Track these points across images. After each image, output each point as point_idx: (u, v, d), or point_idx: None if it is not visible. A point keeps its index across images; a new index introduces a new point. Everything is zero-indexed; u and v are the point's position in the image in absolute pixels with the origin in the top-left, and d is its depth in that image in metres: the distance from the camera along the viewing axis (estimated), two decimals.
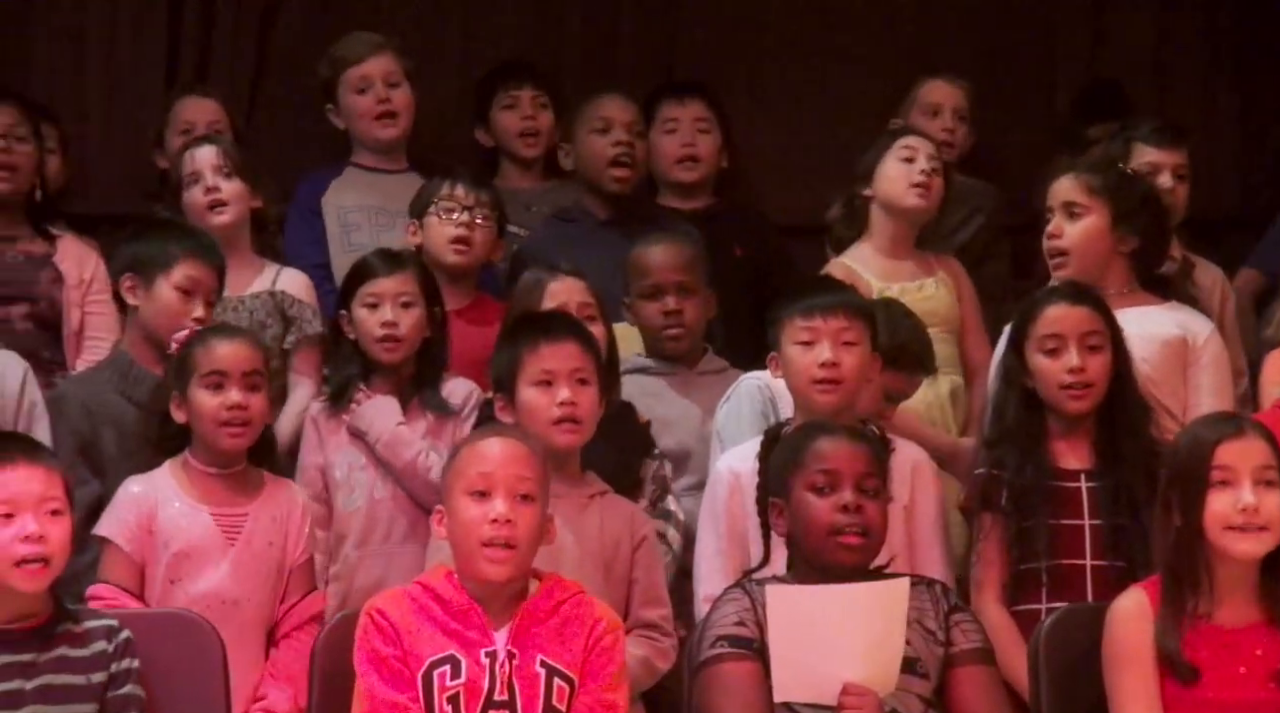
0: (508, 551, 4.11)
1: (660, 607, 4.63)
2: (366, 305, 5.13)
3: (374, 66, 6.11)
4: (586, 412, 4.62)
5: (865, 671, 4.08)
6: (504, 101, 6.40)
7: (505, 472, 4.15)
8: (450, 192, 5.60)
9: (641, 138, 6.12)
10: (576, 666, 4.13)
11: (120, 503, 4.62)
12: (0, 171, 5.57)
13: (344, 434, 5.09)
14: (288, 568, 4.66)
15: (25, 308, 5.51)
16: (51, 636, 4.11)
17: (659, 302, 5.37)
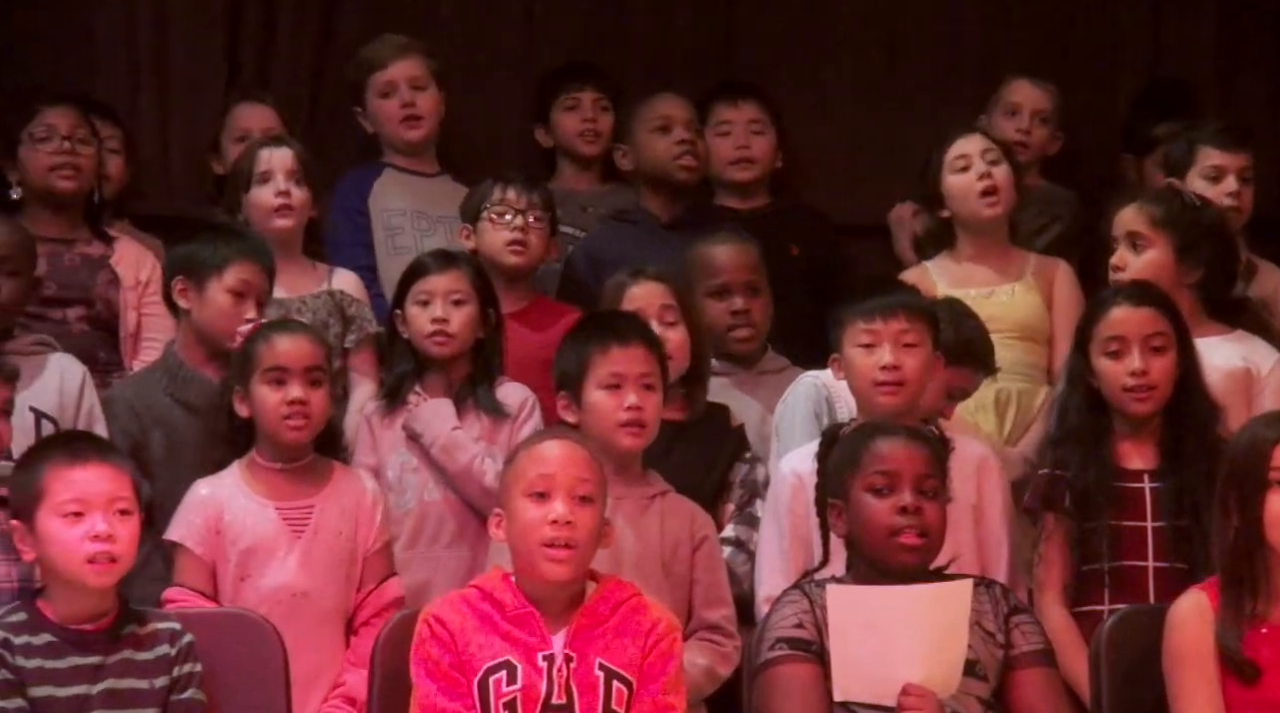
0: (567, 551, 4.11)
1: (722, 607, 4.63)
2: (419, 303, 5.15)
3: (399, 70, 6.13)
4: (651, 416, 4.63)
5: (926, 672, 4.08)
6: (565, 103, 6.40)
7: (565, 473, 4.16)
8: (502, 195, 5.60)
9: (701, 136, 6.12)
10: (635, 668, 4.12)
11: (188, 506, 4.66)
12: (65, 171, 5.58)
13: (397, 435, 5.10)
14: (361, 557, 4.67)
15: (82, 310, 5.53)
16: (118, 638, 4.13)
17: (726, 301, 5.38)
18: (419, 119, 6.12)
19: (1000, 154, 5.78)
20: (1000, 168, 5.75)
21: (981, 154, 5.75)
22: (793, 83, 6.67)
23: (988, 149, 5.77)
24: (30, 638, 4.08)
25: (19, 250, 5.10)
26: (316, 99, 6.57)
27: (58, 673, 4.06)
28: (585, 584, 4.19)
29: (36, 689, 4.04)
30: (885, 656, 4.07)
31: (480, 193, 5.65)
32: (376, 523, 4.71)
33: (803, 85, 6.72)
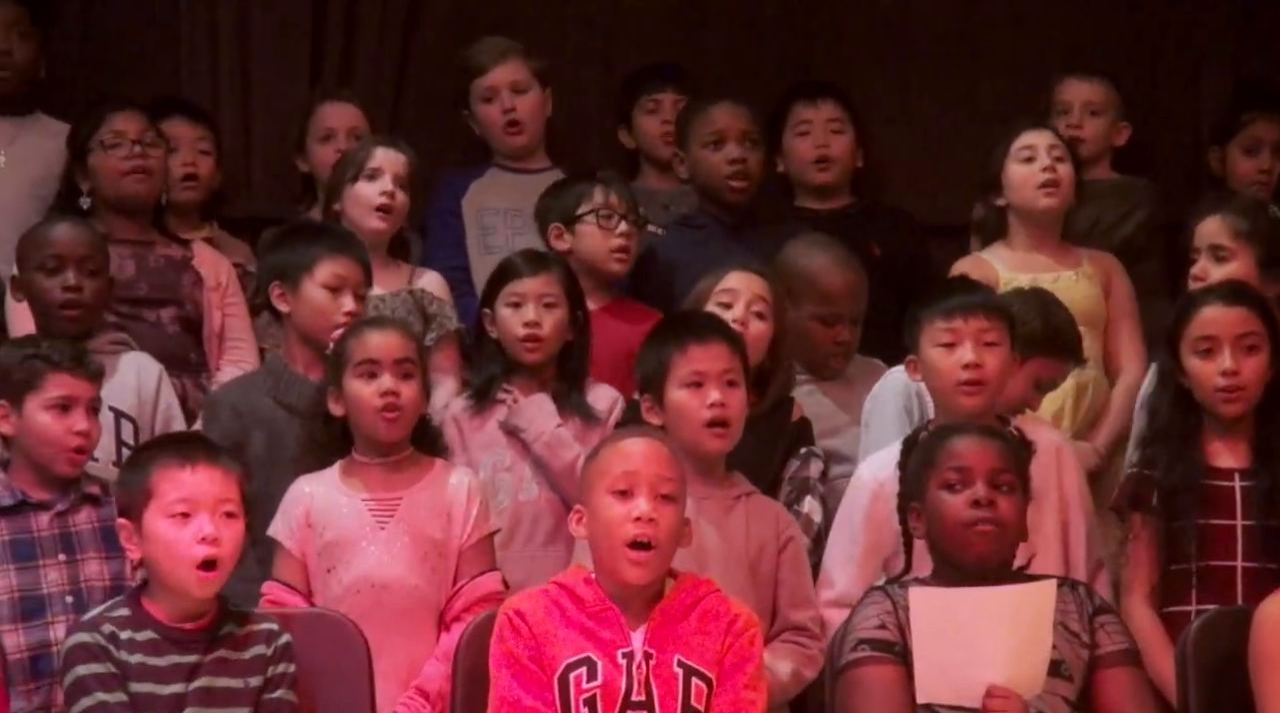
0: (649, 552, 4.11)
1: (808, 608, 4.62)
2: (510, 305, 5.15)
3: (499, 76, 6.14)
4: (735, 414, 4.62)
5: (1010, 673, 4.06)
6: (646, 105, 6.40)
7: (648, 471, 4.16)
8: (606, 199, 5.60)
9: (756, 145, 6.03)
10: (714, 664, 4.13)
11: (287, 501, 4.68)
12: (137, 175, 5.60)
13: (487, 434, 5.11)
14: (454, 551, 4.66)
15: (174, 310, 5.56)
16: (216, 637, 4.15)
17: (833, 329, 5.37)
18: (520, 125, 6.13)
19: (1066, 152, 5.77)
20: (1064, 165, 5.74)
21: (1048, 148, 5.74)
22: (873, 82, 6.66)
23: (1054, 145, 5.76)
24: (134, 634, 4.10)
25: (97, 250, 5.15)
26: (399, 99, 6.59)
27: (158, 670, 4.09)
28: (665, 581, 4.19)
29: (137, 685, 4.07)
30: (969, 657, 4.05)
31: (576, 194, 5.65)
32: (472, 517, 4.68)
33: (883, 85, 6.71)
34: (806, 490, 4.97)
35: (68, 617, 4.40)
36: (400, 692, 4.54)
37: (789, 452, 5.01)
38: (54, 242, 5.10)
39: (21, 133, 6.05)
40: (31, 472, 4.56)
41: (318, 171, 6.10)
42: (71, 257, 5.06)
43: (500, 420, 5.09)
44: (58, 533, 4.51)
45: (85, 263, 5.08)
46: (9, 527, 4.50)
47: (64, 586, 4.47)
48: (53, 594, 4.46)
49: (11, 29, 6.03)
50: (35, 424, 4.54)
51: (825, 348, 5.38)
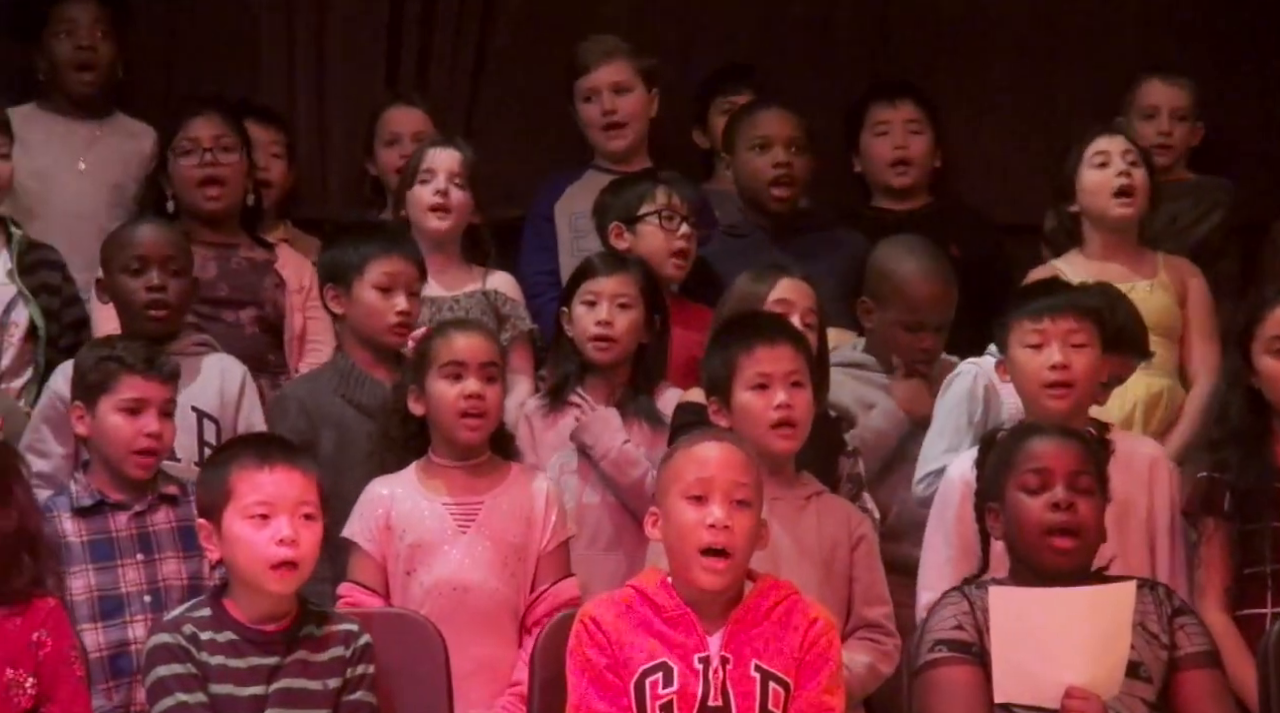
0: (724, 559, 4.10)
1: (882, 605, 4.61)
2: (585, 303, 5.16)
3: (602, 76, 6.12)
4: (802, 414, 4.61)
5: (1089, 674, 4.04)
6: (722, 106, 6.38)
7: (723, 477, 4.15)
8: (669, 200, 5.59)
9: (803, 152, 5.96)
10: (791, 668, 4.11)
11: (362, 503, 4.69)
12: (210, 188, 5.63)
13: (557, 435, 5.12)
14: (534, 556, 4.67)
15: (254, 312, 5.59)
16: (296, 639, 4.16)
17: (916, 336, 5.35)
18: (620, 126, 6.12)
19: (1140, 158, 5.73)
20: (1139, 171, 5.70)
21: (1122, 154, 5.70)
22: (950, 81, 6.63)
23: (1128, 150, 5.72)
24: (214, 635, 4.12)
25: (180, 250, 5.17)
26: (475, 101, 6.60)
27: (238, 672, 4.11)
28: (742, 584, 4.18)
29: (217, 687, 4.09)
30: (1047, 658, 4.04)
31: (639, 193, 5.63)
32: (551, 523, 4.70)
33: (961, 84, 6.68)
34: (862, 486, 4.98)
35: (146, 616, 4.44)
36: (479, 693, 4.55)
37: (835, 448, 4.99)
38: (138, 243, 5.13)
39: (102, 134, 6.08)
40: (108, 473, 4.60)
41: (384, 175, 6.13)
42: (155, 257, 5.09)
43: (571, 433, 5.09)
44: (136, 533, 4.55)
45: (169, 263, 5.10)
46: (88, 527, 4.54)
47: (142, 585, 4.51)
48: (131, 594, 4.50)
49: (95, 27, 6.06)
50: (106, 425, 4.58)
51: (907, 353, 5.36)
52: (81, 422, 4.63)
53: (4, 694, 4.03)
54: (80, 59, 6.04)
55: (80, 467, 4.67)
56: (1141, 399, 5.49)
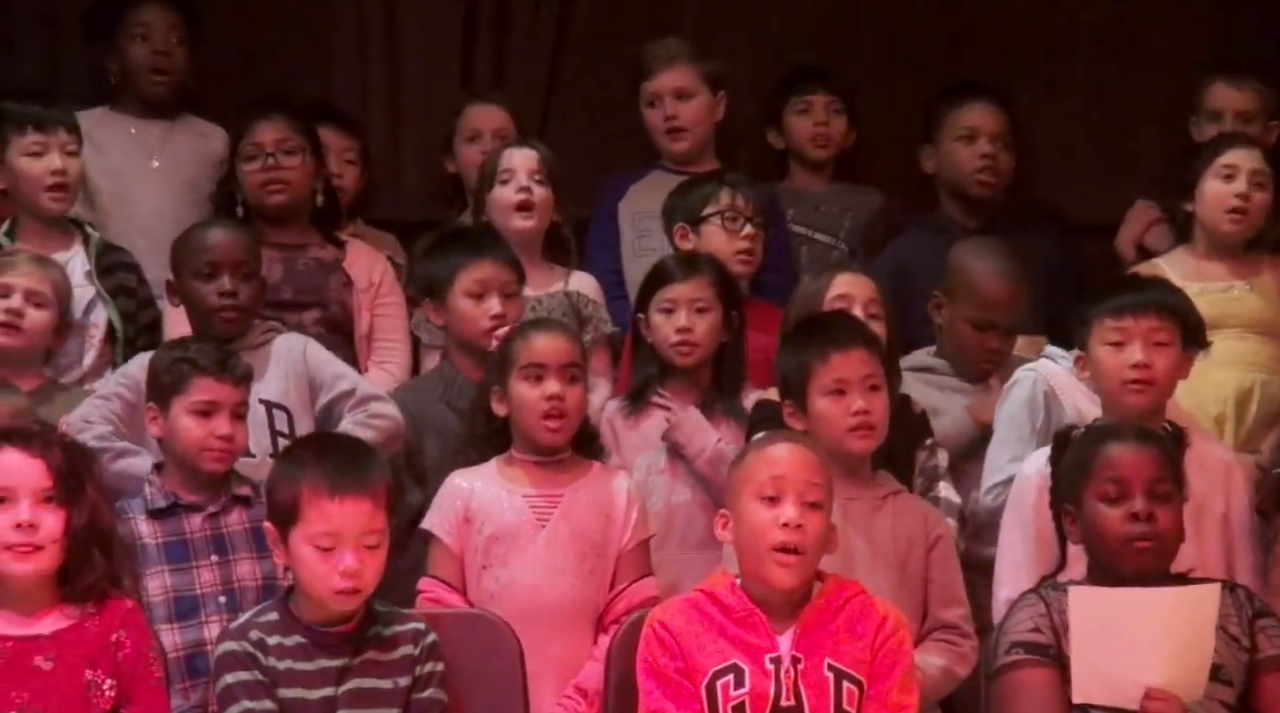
0: (796, 556, 4.09)
1: (958, 606, 4.60)
2: (662, 310, 5.15)
3: (664, 81, 6.12)
4: (880, 417, 4.60)
5: (1170, 676, 4.02)
6: (797, 106, 6.37)
7: (796, 477, 4.15)
8: (732, 201, 5.59)
9: (1008, 147, 6.05)
10: (864, 667, 4.11)
11: (442, 496, 4.71)
12: (273, 186, 5.65)
13: (642, 437, 5.12)
14: (613, 555, 4.67)
15: (318, 313, 5.59)
16: (364, 639, 4.17)
17: (984, 335, 5.33)
18: (682, 131, 6.13)
19: (1268, 180, 5.68)
20: (1260, 194, 5.66)
21: (1250, 173, 5.66)
22: (1024, 81, 6.59)
23: (1257, 170, 5.67)
24: (282, 639, 4.13)
25: (251, 253, 5.18)
26: (550, 99, 6.61)
27: (306, 675, 4.12)
28: (811, 584, 4.17)
29: (286, 691, 4.10)
30: (1128, 659, 4.02)
31: (704, 194, 5.63)
32: (631, 522, 4.70)
33: (1034, 83, 6.64)
34: (938, 478, 4.95)
35: (221, 616, 4.45)
36: (555, 690, 4.55)
37: (915, 443, 4.97)
38: (209, 246, 5.14)
39: (174, 135, 6.11)
40: (182, 474, 4.62)
41: (465, 172, 6.13)
42: (226, 261, 5.11)
43: (663, 434, 5.09)
44: (210, 534, 4.57)
45: (240, 267, 5.12)
46: (163, 529, 4.56)
47: (217, 586, 4.53)
48: (206, 594, 4.52)
49: (170, 32, 6.10)
50: (178, 427, 4.60)
51: (974, 352, 5.34)
52: (155, 423, 4.65)
53: (84, 696, 4.06)
54: (156, 63, 6.09)
55: (155, 469, 4.69)
56: (1231, 395, 5.47)
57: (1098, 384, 4.74)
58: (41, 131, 5.48)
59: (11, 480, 4.09)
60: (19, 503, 4.07)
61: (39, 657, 4.07)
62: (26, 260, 5.17)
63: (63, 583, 4.13)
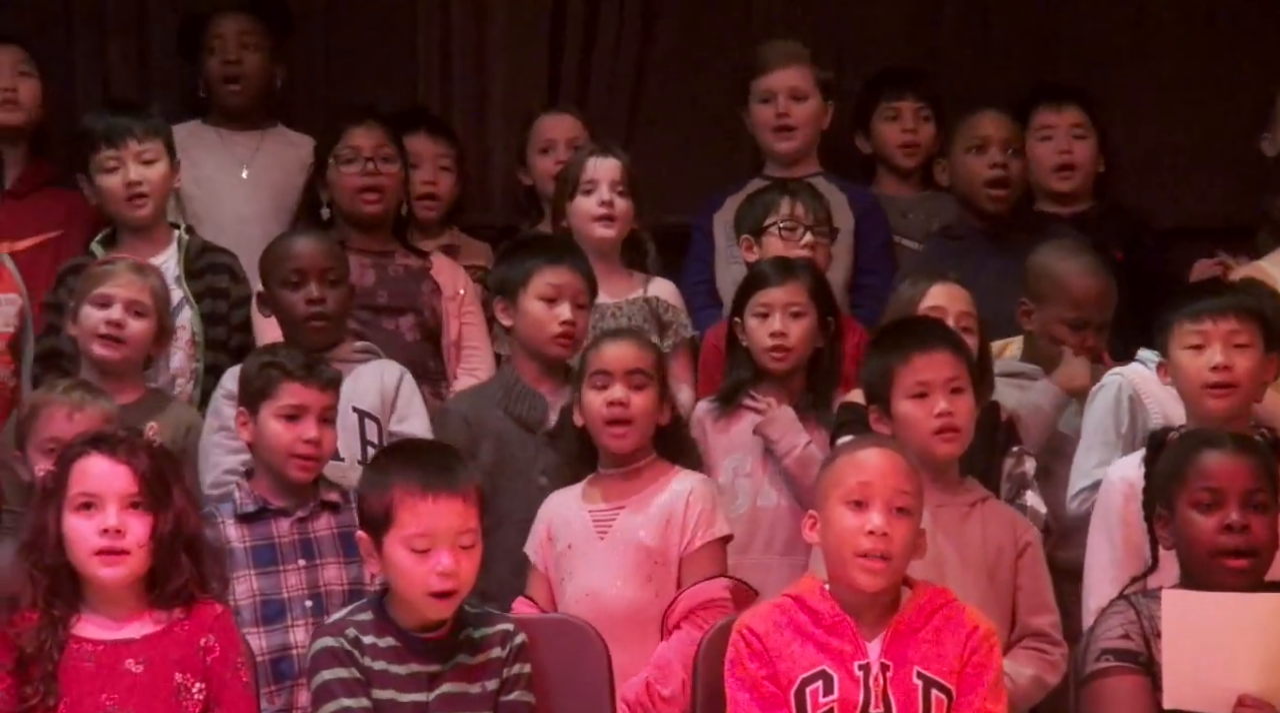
0: (882, 562, 4.08)
1: (1048, 613, 4.57)
2: (757, 315, 5.14)
3: (781, 79, 6.11)
4: (964, 420, 4.58)
5: (1265, 682, 3.99)
6: (885, 112, 6.38)
7: (884, 483, 4.12)
8: (791, 210, 5.58)
9: (1019, 155, 6.01)
10: (953, 675, 4.08)
11: (538, 518, 4.75)
12: (369, 194, 5.67)
13: (730, 439, 5.11)
14: (674, 559, 4.67)
15: (413, 319, 5.62)
16: (455, 644, 4.17)
17: (1080, 335, 5.30)
18: (790, 130, 6.12)
19: None
20: None
21: None
22: (1114, 85, 6.56)
23: None
24: (376, 640, 4.14)
25: (337, 260, 5.22)
26: (635, 108, 6.62)
27: (399, 678, 4.12)
28: (900, 591, 4.16)
29: (380, 692, 4.10)
30: (1221, 664, 3.98)
31: (765, 204, 5.62)
32: (692, 524, 4.69)
33: (1124, 87, 6.61)
34: (1025, 485, 4.91)
35: (307, 621, 4.48)
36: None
37: (1003, 450, 4.95)
38: (295, 255, 5.19)
39: (264, 145, 6.18)
40: (271, 479, 4.66)
41: (540, 183, 6.16)
42: (313, 269, 5.14)
43: (755, 427, 5.08)
44: (298, 539, 4.60)
45: (327, 274, 5.15)
46: (251, 533, 4.60)
47: (303, 590, 4.56)
48: (293, 599, 4.56)
49: (241, 41, 6.16)
50: (267, 431, 4.63)
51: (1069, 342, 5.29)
52: (245, 428, 4.69)
53: (173, 699, 4.07)
54: (226, 73, 6.16)
55: (244, 474, 4.73)
56: None
57: (1179, 388, 4.72)
58: (112, 146, 5.53)
59: (98, 487, 4.10)
60: (106, 509, 4.09)
61: (130, 660, 4.09)
62: (125, 269, 5.19)
63: (150, 588, 4.14)
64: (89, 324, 5.09)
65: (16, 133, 5.97)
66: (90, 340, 5.09)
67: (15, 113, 5.97)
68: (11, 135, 5.95)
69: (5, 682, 4.03)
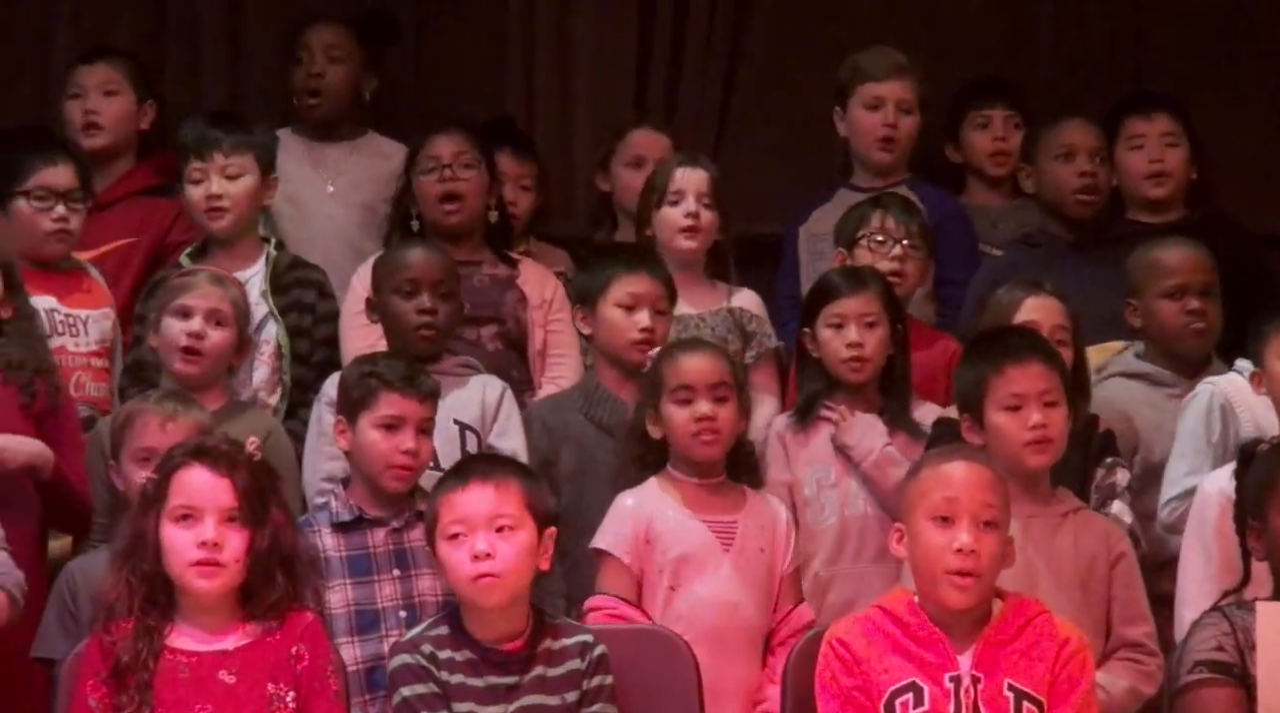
0: (971, 579, 4.07)
1: (1143, 624, 4.56)
2: (831, 326, 5.13)
3: (891, 89, 6.10)
4: (1057, 432, 4.57)
5: None
6: (975, 120, 6.37)
7: (970, 498, 4.11)
8: (882, 223, 5.57)
9: (1105, 163, 5.99)
10: (1044, 687, 4.07)
11: (615, 516, 4.72)
12: (449, 204, 5.68)
13: (812, 451, 5.10)
14: (778, 577, 4.70)
15: (495, 328, 5.62)
16: (533, 656, 4.19)
17: (1180, 301, 5.29)
18: (895, 142, 6.11)
19: None
20: None
21: None
22: (1206, 92, 6.52)
23: None
24: (453, 654, 4.16)
25: (450, 273, 5.25)
26: (724, 118, 6.62)
27: (477, 692, 4.14)
28: (990, 603, 4.15)
29: (459, 706, 4.12)
30: None
31: (859, 216, 5.62)
32: (791, 545, 4.74)
33: (1216, 94, 6.56)
34: (1114, 495, 4.90)
35: (400, 631, 4.47)
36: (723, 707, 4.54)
37: (1095, 462, 4.93)
38: (410, 265, 5.22)
39: (353, 156, 6.22)
40: (367, 489, 4.67)
41: (620, 194, 6.16)
42: (426, 280, 5.18)
43: (831, 436, 5.08)
44: (393, 549, 4.62)
45: (439, 286, 5.18)
46: (347, 542, 4.62)
47: (398, 600, 4.58)
48: (387, 609, 4.57)
49: (325, 52, 6.19)
50: (365, 441, 4.65)
51: (1177, 325, 5.29)
52: (343, 437, 4.71)
53: (266, 709, 4.10)
54: (307, 85, 6.20)
55: (341, 483, 4.75)
56: None
57: (1274, 399, 4.70)
58: (200, 158, 5.55)
59: (198, 499, 4.13)
60: (204, 521, 4.11)
61: (223, 671, 4.11)
62: (205, 280, 5.21)
63: (244, 601, 4.17)
64: (170, 336, 5.11)
65: (100, 153, 6.00)
66: (171, 354, 5.11)
67: (97, 137, 6.02)
68: (95, 156, 5.97)
69: (101, 690, 4.07)
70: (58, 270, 5.48)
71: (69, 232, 5.44)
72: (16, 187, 5.43)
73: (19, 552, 4.54)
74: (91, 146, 5.96)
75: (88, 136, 6.00)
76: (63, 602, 4.60)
